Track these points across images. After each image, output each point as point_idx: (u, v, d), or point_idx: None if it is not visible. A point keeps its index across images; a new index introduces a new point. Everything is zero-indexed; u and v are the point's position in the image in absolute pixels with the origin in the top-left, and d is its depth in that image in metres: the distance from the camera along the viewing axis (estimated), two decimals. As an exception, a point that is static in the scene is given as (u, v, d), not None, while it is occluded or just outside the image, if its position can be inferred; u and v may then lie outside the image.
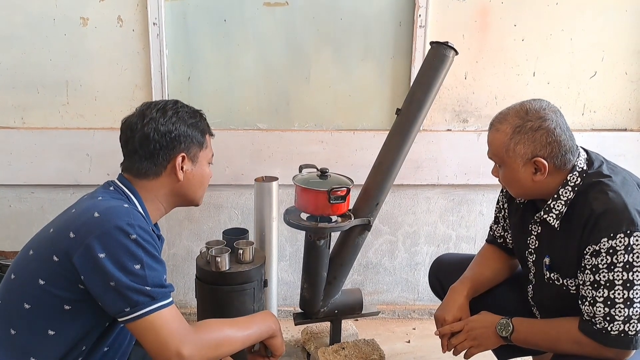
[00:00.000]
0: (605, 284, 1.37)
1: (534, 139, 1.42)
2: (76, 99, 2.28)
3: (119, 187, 1.37)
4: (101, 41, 2.22)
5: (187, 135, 1.38)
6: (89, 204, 1.30)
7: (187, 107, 1.43)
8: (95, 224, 1.22)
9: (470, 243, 2.53)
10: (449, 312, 1.67)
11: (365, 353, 2.04)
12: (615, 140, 2.42)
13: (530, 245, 1.60)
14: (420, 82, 1.86)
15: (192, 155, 1.40)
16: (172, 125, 1.36)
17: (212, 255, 1.89)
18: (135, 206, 1.33)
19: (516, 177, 1.49)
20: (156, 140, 1.34)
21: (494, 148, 1.51)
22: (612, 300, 1.36)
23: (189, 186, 1.42)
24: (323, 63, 2.31)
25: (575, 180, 1.46)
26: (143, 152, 1.35)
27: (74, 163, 2.29)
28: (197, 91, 2.31)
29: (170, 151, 1.36)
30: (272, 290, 2.26)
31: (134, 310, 1.21)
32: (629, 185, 1.43)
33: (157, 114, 1.36)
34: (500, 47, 2.32)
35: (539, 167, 1.44)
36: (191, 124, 1.40)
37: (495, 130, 1.50)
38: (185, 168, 1.39)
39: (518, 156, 1.45)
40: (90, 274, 1.21)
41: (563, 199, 1.47)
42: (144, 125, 1.35)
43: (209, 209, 2.42)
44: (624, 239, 1.34)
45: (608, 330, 1.37)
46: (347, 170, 2.04)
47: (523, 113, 1.45)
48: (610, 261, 1.35)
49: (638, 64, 2.39)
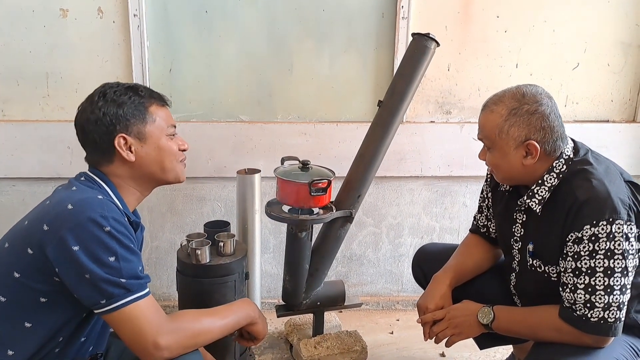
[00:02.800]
0: (587, 270, 1.38)
1: (529, 122, 1.43)
2: (57, 91, 2.26)
3: (90, 177, 1.36)
4: (81, 33, 2.20)
5: (118, 116, 1.34)
6: (62, 195, 1.29)
7: (117, 87, 1.38)
8: (68, 216, 1.22)
9: (453, 234, 2.54)
10: (431, 301, 1.68)
11: (348, 344, 2.05)
12: (597, 131, 2.43)
13: (516, 233, 1.61)
14: (401, 74, 1.86)
15: (136, 133, 1.36)
16: (99, 111, 1.33)
17: (193, 248, 1.88)
18: (109, 196, 1.33)
19: (505, 159, 1.49)
20: (91, 129, 1.34)
21: (486, 129, 1.50)
22: (593, 287, 1.37)
23: (148, 164, 1.38)
24: (306, 54, 2.30)
25: (561, 167, 1.47)
26: (86, 143, 1.37)
27: (55, 156, 2.27)
28: (178, 83, 2.29)
29: (109, 136, 1.34)
30: (255, 282, 2.26)
31: (109, 303, 1.21)
32: (612, 174, 1.45)
33: (86, 104, 1.36)
34: (483, 39, 2.32)
35: (531, 151, 1.45)
36: (122, 102, 1.35)
37: (489, 112, 1.49)
38: (134, 148, 1.36)
39: (511, 138, 1.45)
40: (65, 267, 1.21)
41: (547, 185, 1.49)
42: (79, 118, 1.37)
43: (191, 201, 2.41)
44: (607, 226, 1.35)
45: (588, 317, 1.38)
46: (330, 162, 2.04)
47: (520, 96, 1.46)
48: (592, 248, 1.37)
49: (620, 55, 2.39)
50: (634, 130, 2.45)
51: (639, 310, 1.49)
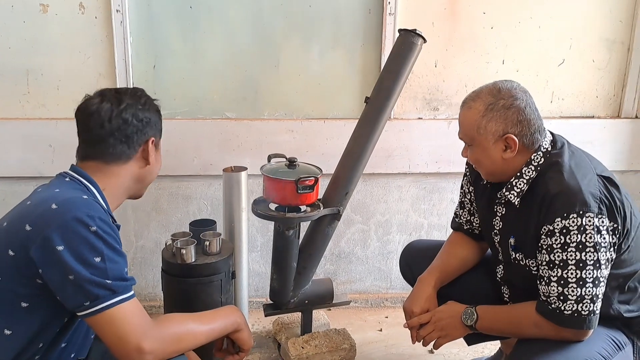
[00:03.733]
0: (559, 263, 1.39)
1: (506, 116, 1.45)
2: (37, 88, 2.21)
3: (75, 177, 1.33)
4: (62, 28, 2.15)
5: (155, 122, 1.43)
6: (45, 195, 1.26)
7: (151, 97, 1.47)
8: (53, 215, 1.19)
9: (442, 231, 2.53)
10: (416, 304, 1.68)
11: (336, 342, 2.03)
12: (583, 127, 2.44)
13: (495, 227, 1.62)
14: (388, 70, 1.85)
15: (157, 142, 1.45)
16: (147, 112, 1.40)
17: (178, 247, 1.86)
18: (94, 197, 1.30)
19: (486, 154, 1.50)
20: (134, 124, 1.37)
21: (465, 126, 1.52)
22: (565, 280, 1.38)
23: (151, 171, 1.45)
24: (292, 51, 2.28)
25: (539, 160, 1.49)
26: (120, 135, 1.36)
27: (37, 154, 2.23)
28: (163, 80, 2.26)
29: (144, 136, 1.40)
30: (243, 281, 2.24)
31: (93, 304, 1.18)
32: (586, 168, 1.46)
33: (131, 100, 1.39)
34: (470, 35, 2.32)
35: (510, 144, 1.47)
36: (156, 110, 1.45)
37: (467, 108, 1.51)
38: (151, 153, 1.41)
39: (489, 133, 1.47)
40: (49, 267, 1.18)
41: (525, 177, 1.50)
42: (121, 111, 1.35)
43: (177, 200, 2.38)
44: (577, 219, 1.36)
45: (562, 310, 1.39)
46: (318, 160, 2.02)
47: (495, 91, 1.48)
48: (563, 241, 1.38)
49: (605, 51, 2.41)
50: (618, 126, 2.47)
51: (622, 301, 1.51)
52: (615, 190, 1.43)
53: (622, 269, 1.47)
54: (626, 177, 2.52)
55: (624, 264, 1.47)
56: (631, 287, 1.50)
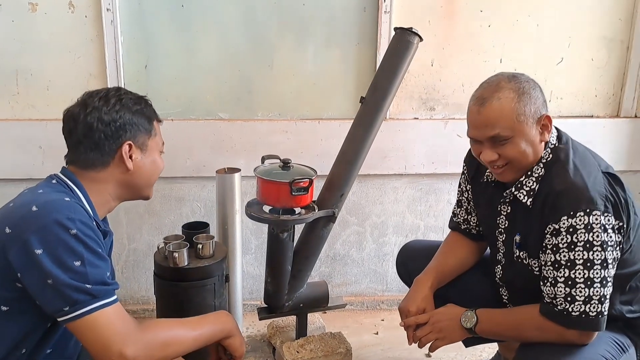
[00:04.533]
0: (566, 263, 1.36)
1: (536, 97, 1.42)
2: (27, 89, 2.17)
3: (62, 180, 1.30)
4: (52, 28, 2.12)
5: (132, 123, 1.33)
6: (27, 197, 1.23)
7: (131, 94, 1.38)
8: (32, 218, 1.16)
9: (438, 233, 2.50)
10: (412, 304, 1.64)
11: (332, 346, 2.00)
12: (582, 127, 2.41)
13: (500, 225, 1.59)
14: (384, 70, 1.82)
15: (141, 144, 1.35)
16: (116, 114, 1.31)
17: (170, 250, 1.84)
18: (78, 200, 1.27)
19: (529, 142, 1.41)
20: (100, 129, 1.29)
21: (502, 120, 1.39)
22: (573, 280, 1.35)
23: (139, 176, 1.37)
24: (286, 50, 2.24)
25: (547, 157, 1.45)
26: (88, 142, 1.29)
27: (27, 156, 2.19)
28: (155, 80, 2.22)
29: (116, 140, 1.31)
30: (237, 284, 2.20)
31: (73, 309, 1.15)
32: (590, 165, 1.43)
33: (99, 102, 1.31)
34: (467, 34, 2.28)
35: (546, 124, 1.43)
36: (136, 110, 1.34)
37: (496, 100, 1.39)
38: (134, 157, 1.34)
39: (529, 117, 1.40)
40: (27, 271, 1.15)
41: (535, 175, 1.46)
42: (86, 115, 1.29)
43: (170, 202, 2.34)
44: (584, 217, 1.33)
45: (569, 312, 1.36)
46: (312, 161, 1.99)
47: (512, 77, 1.43)
48: (570, 240, 1.34)
49: (604, 50, 2.38)
50: (617, 125, 2.44)
51: (623, 302, 1.48)
52: (619, 188, 1.40)
53: (623, 269, 1.44)
54: (626, 177, 2.39)
55: (626, 264, 1.44)
56: (633, 288, 1.48)
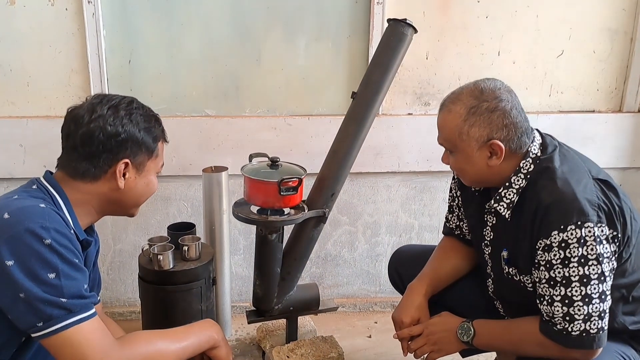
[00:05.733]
0: (562, 280, 1.28)
1: (490, 120, 1.33)
2: (6, 85, 2.09)
3: (43, 185, 1.23)
4: (31, 21, 2.04)
5: (136, 141, 1.25)
6: (1, 203, 1.16)
7: (143, 109, 1.30)
8: (4, 226, 1.09)
9: (433, 232, 2.44)
10: (406, 314, 1.58)
11: (323, 351, 1.94)
12: (583, 122, 2.33)
13: (486, 237, 1.51)
14: (377, 63, 1.75)
15: (138, 163, 1.28)
16: (122, 127, 1.23)
17: (155, 253, 1.78)
18: (57, 207, 1.20)
19: (470, 162, 1.39)
20: (100, 140, 1.21)
21: (445, 132, 1.40)
22: (570, 298, 1.27)
23: (129, 196, 1.30)
24: (274, 43, 2.16)
25: (528, 167, 1.38)
26: (84, 151, 1.22)
27: (7, 155, 2.12)
28: (139, 75, 2.15)
29: (114, 155, 1.24)
30: (225, 286, 2.14)
31: (47, 325, 1.08)
32: (580, 172, 1.35)
33: (107, 111, 1.23)
34: (463, 25, 2.20)
35: (495, 151, 1.35)
36: (144, 128, 1.27)
37: (447, 111, 1.39)
38: (128, 175, 1.27)
39: (472, 139, 1.35)
40: None
41: (515, 187, 1.39)
42: (90, 121, 1.21)
43: (156, 201, 2.27)
44: (575, 230, 1.25)
45: (569, 331, 1.29)
46: (302, 159, 1.92)
47: (478, 93, 1.35)
48: (563, 256, 1.27)
49: (606, 42, 2.29)
50: (620, 120, 2.36)
51: (626, 312, 1.40)
52: (613, 195, 1.32)
53: (624, 278, 1.36)
54: (628, 175, 2.42)
55: (626, 273, 1.37)
56: (635, 297, 1.40)
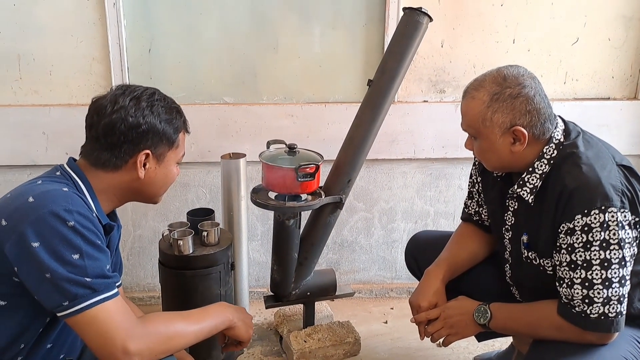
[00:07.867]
0: (582, 264, 1.30)
1: (513, 106, 1.34)
2: (29, 74, 2.14)
3: (67, 172, 1.26)
4: (53, 11, 2.07)
5: (156, 132, 1.27)
6: (24, 188, 1.20)
7: (164, 101, 1.31)
8: (28, 209, 1.12)
9: (449, 219, 2.45)
10: (424, 298, 1.60)
11: (340, 336, 1.97)
12: (598, 109, 2.33)
13: (507, 222, 1.53)
14: (392, 52, 1.77)
15: (159, 154, 1.30)
16: (143, 119, 1.25)
17: (175, 238, 1.80)
18: (81, 193, 1.23)
19: (493, 148, 1.40)
20: (122, 131, 1.24)
21: (469, 118, 1.42)
22: (590, 281, 1.29)
23: (150, 185, 1.32)
24: (291, 32, 2.18)
25: (552, 153, 1.39)
26: (105, 141, 1.24)
27: (30, 142, 2.16)
28: (158, 64, 2.18)
29: (135, 146, 1.26)
30: (243, 272, 2.17)
31: (73, 304, 1.11)
32: (604, 158, 1.36)
33: (129, 102, 1.25)
34: (478, 13, 2.21)
35: (518, 137, 1.37)
36: (165, 119, 1.29)
37: (470, 98, 1.40)
38: (149, 166, 1.29)
39: (496, 126, 1.36)
40: (24, 265, 1.11)
41: (538, 172, 1.40)
42: (112, 112, 1.24)
43: (175, 187, 2.30)
44: (599, 215, 1.27)
45: (587, 314, 1.30)
46: (318, 146, 1.94)
47: (501, 79, 1.37)
48: (586, 239, 1.28)
49: (621, 29, 2.28)
50: (635, 107, 2.35)
51: None
52: (635, 182, 1.33)
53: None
54: None
55: None
56: None
